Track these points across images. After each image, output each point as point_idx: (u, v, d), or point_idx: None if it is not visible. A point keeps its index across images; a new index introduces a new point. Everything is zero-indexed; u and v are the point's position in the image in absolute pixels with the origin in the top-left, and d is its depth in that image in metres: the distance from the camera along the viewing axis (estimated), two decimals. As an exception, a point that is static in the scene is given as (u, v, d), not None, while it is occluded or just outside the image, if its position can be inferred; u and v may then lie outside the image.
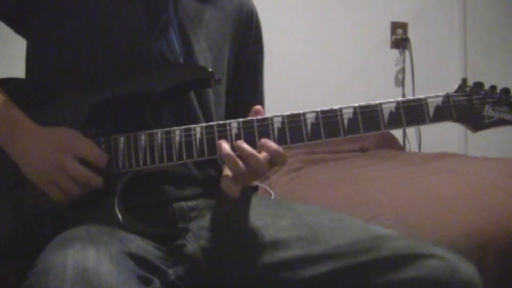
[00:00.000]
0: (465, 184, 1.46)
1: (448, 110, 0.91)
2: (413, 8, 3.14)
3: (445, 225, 1.24)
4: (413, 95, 3.04)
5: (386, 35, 3.11)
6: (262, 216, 1.00)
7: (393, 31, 3.11)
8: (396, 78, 3.13)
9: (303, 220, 0.98)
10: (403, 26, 3.12)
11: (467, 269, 0.86)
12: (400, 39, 3.10)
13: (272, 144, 0.88)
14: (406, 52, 3.11)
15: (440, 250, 0.88)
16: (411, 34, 3.11)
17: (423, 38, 3.13)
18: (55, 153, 0.88)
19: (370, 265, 0.87)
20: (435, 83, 3.12)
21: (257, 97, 1.19)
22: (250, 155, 0.86)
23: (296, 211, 1.02)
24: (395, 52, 3.12)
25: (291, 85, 2.79)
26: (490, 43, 3.20)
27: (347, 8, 3.03)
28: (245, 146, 0.87)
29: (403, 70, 3.11)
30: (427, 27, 3.15)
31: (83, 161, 0.89)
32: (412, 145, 2.97)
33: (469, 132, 0.94)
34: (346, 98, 3.03)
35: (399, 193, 1.45)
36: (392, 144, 2.66)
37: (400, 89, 3.10)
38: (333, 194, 1.57)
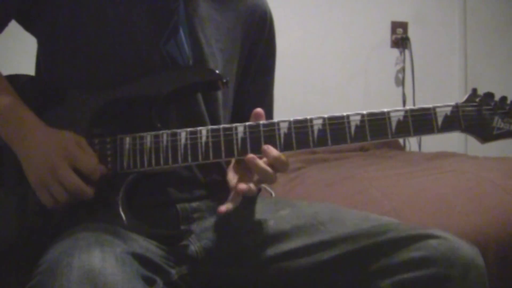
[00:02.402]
0: (465, 184, 1.46)
1: (456, 120, 0.89)
2: (413, 8, 3.14)
3: (445, 225, 1.24)
4: (413, 94, 3.05)
5: (386, 35, 3.11)
6: (262, 212, 1.00)
7: (393, 31, 3.11)
8: (396, 78, 3.13)
9: (302, 211, 0.98)
10: (403, 25, 3.12)
11: (468, 248, 0.85)
12: (400, 39, 3.10)
13: (273, 150, 0.88)
14: (406, 51, 3.11)
15: (439, 231, 0.87)
16: (411, 34, 3.11)
17: (423, 37, 3.13)
18: (52, 156, 0.87)
19: (371, 250, 0.87)
20: (435, 82, 3.12)
21: (266, 102, 1.17)
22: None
23: (296, 204, 1.02)
24: (395, 52, 3.12)
25: (291, 84, 2.79)
26: (490, 43, 3.21)
27: (347, 8, 3.03)
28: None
29: (403, 69, 3.11)
30: (427, 26, 3.15)
31: (79, 171, 0.88)
32: (412, 145, 2.97)
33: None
34: (346, 98, 3.04)
35: (399, 193, 1.45)
36: (392, 144, 2.66)
37: (400, 88, 3.11)
38: (334, 194, 1.57)
